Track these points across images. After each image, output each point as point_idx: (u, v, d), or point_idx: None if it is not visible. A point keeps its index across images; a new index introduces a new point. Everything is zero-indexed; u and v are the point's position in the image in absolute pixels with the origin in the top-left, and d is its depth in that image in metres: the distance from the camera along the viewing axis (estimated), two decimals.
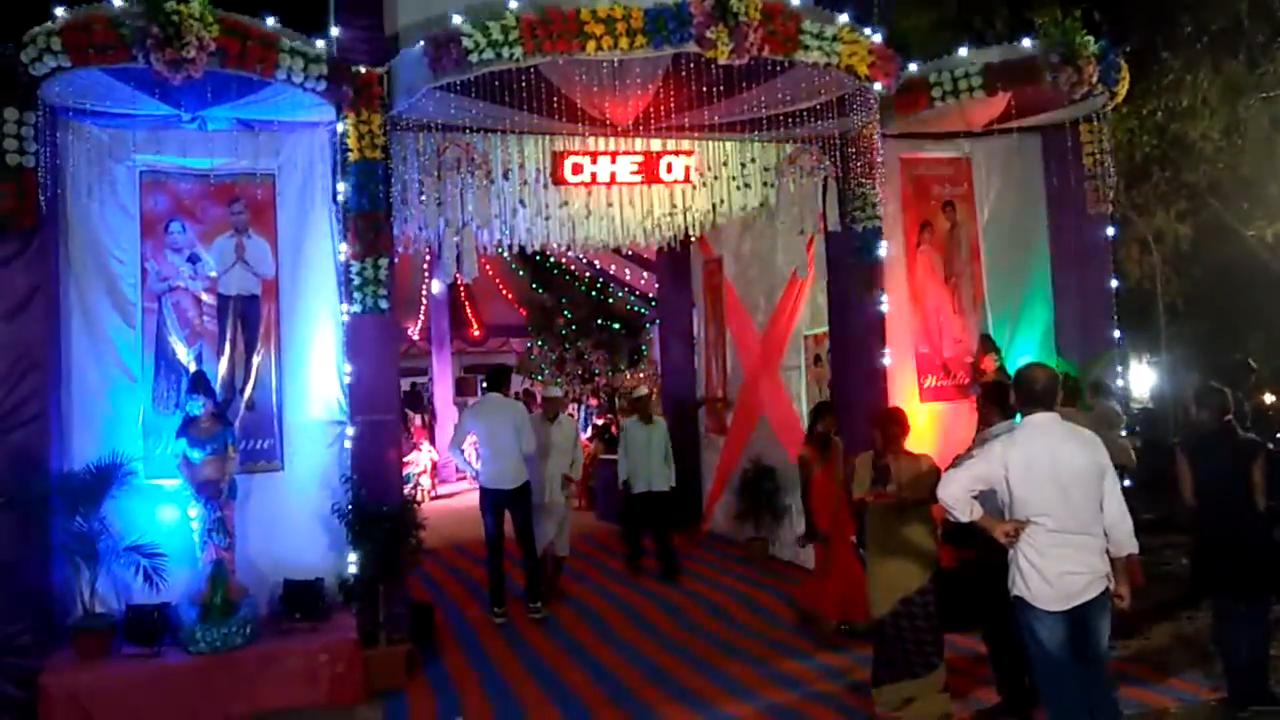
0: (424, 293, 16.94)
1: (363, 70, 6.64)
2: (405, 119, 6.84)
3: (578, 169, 7.62)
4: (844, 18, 6.33)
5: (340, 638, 6.47)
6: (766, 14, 5.87)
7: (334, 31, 6.77)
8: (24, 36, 5.87)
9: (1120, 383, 8.74)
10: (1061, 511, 4.38)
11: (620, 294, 16.65)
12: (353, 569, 6.64)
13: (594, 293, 16.79)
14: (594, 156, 7.62)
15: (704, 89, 6.33)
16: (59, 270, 6.51)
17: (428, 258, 14.21)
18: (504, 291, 17.76)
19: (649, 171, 7.78)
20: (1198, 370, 11.25)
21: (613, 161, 7.65)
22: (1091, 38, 7.22)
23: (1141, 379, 13.09)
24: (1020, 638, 4.62)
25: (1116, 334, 8.45)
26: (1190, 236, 11.02)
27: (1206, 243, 11.26)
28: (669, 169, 7.80)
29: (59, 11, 5.84)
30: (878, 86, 6.69)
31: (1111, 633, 4.60)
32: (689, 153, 7.85)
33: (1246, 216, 10.74)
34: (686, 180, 7.94)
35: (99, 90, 6.26)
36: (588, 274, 16.59)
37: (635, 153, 7.65)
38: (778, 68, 6.25)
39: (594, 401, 17.00)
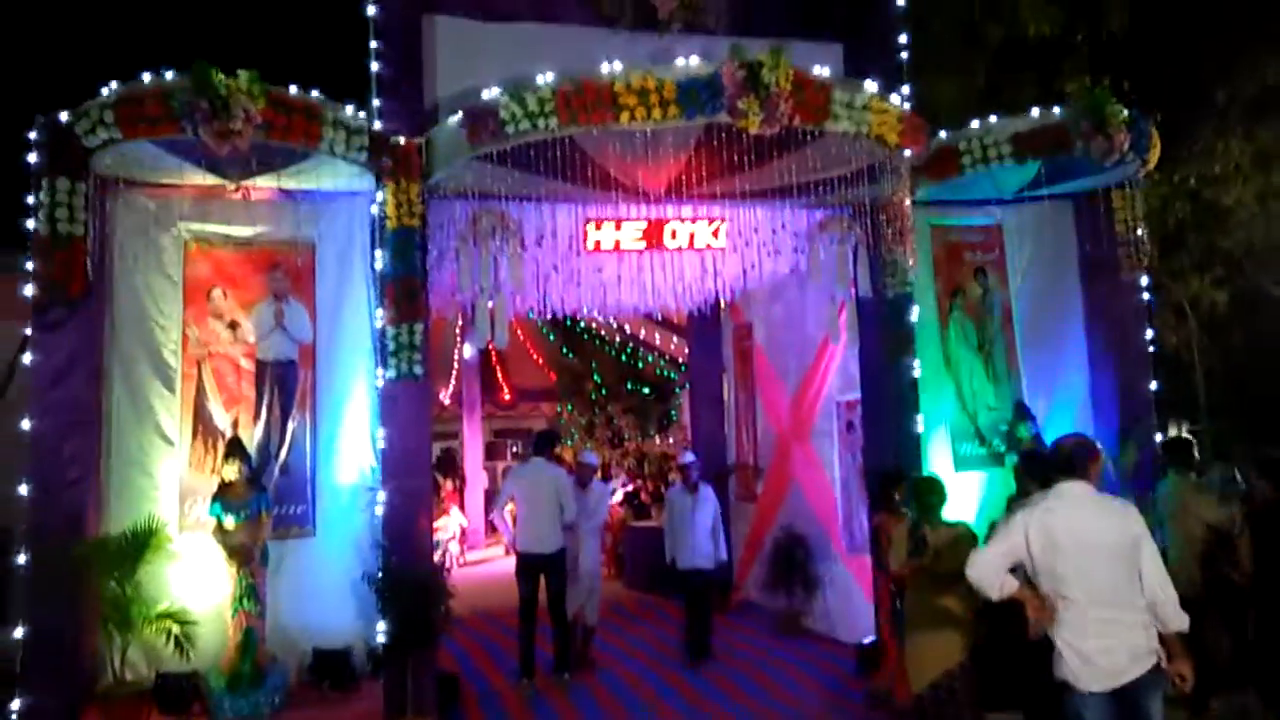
0: (456, 357, 17.08)
1: (402, 141, 6.81)
2: (442, 188, 6.98)
3: (610, 236, 7.70)
4: (873, 87, 6.42)
5: (368, 707, 6.41)
6: (797, 84, 5.96)
7: (375, 103, 6.96)
8: (78, 109, 6.09)
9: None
10: (1091, 585, 4.16)
11: (650, 359, 16.69)
12: (382, 637, 6.59)
13: (624, 357, 16.85)
14: (626, 224, 7.70)
15: (735, 157, 6.42)
16: (103, 335, 6.64)
17: (460, 322, 14.36)
18: (535, 356, 17.87)
19: (680, 238, 7.84)
20: (1240, 437, 11.05)
21: (645, 228, 7.73)
22: (1121, 105, 7.26)
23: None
24: None
25: (1154, 401, 8.33)
26: (1226, 302, 10.91)
27: (1243, 309, 11.16)
28: (700, 236, 7.87)
29: (111, 85, 6.06)
30: (907, 154, 6.75)
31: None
32: (720, 219, 7.92)
33: None
34: (718, 246, 7.99)
35: (147, 161, 6.48)
36: (618, 339, 16.66)
37: (667, 220, 7.73)
38: (808, 136, 6.33)
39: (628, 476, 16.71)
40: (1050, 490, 4.47)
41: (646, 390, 16.94)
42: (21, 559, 6.13)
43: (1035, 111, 7.54)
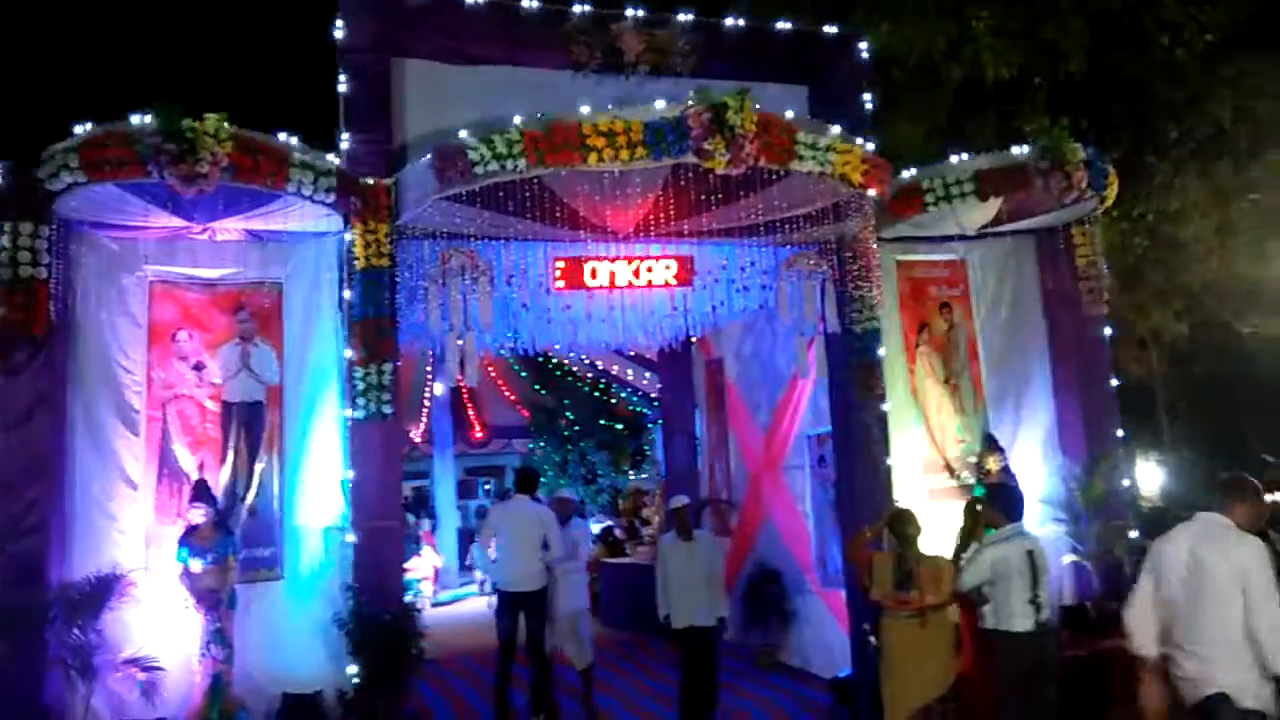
0: (427, 394, 17.00)
1: (371, 182, 6.83)
2: (411, 227, 7.00)
3: (579, 274, 7.74)
4: (836, 128, 6.54)
5: None
6: (762, 125, 6.07)
7: (344, 144, 6.98)
8: (42, 154, 6.07)
9: (1126, 482, 8.69)
10: (1190, 619, 4.19)
11: (623, 394, 16.70)
12: (353, 681, 6.49)
13: (596, 393, 16.84)
14: (596, 262, 7.74)
15: (702, 196, 6.51)
16: (65, 379, 6.56)
17: (431, 359, 14.31)
18: (506, 393, 17.81)
19: (650, 276, 7.89)
20: (1205, 467, 11.21)
21: (612, 266, 7.77)
22: (1079, 144, 7.44)
23: (1149, 477, 12.99)
24: None
25: (1120, 432, 8.45)
26: (1187, 335, 11.13)
27: (1204, 341, 11.38)
28: (668, 273, 7.92)
29: (76, 130, 6.04)
30: (871, 193, 6.86)
31: None
32: (688, 257, 7.99)
33: (1241, 313, 10.88)
34: (686, 284, 8.06)
35: (112, 204, 6.43)
36: (589, 375, 16.67)
37: (635, 258, 7.78)
38: (774, 176, 6.43)
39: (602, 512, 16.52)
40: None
41: (620, 426, 16.93)
42: None
43: (996, 150, 7.72)
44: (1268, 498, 5.12)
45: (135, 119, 5.99)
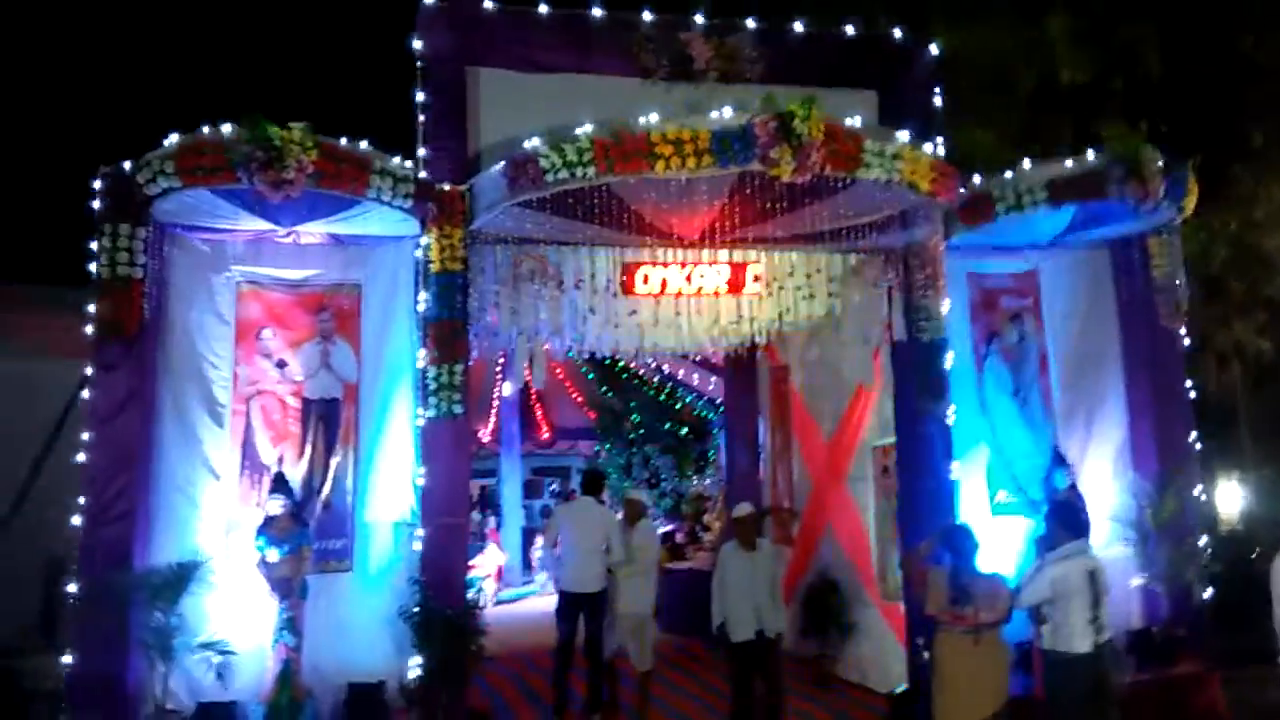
0: (496, 395, 17.28)
1: (446, 188, 7.04)
2: (484, 233, 7.19)
3: (646, 280, 7.85)
4: (904, 135, 6.52)
5: None
6: (828, 134, 6.10)
7: (421, 151, 7.21)
8: (140, 160, 6.40)
9: (1203, 499, 8.44)
10: None
11: (688, 399, 16.74)
12: (415, 673, 6.68)
13: (662, 397, 16.91)
14: (662, 267, 7.85)
15: (768, 204, 6.57)
16: (156, 373, 6.89)
17: (501, 361, 14.56)
18: (573, 395, 18.01)
19: (715, 282, 7.96)
20: None
21: (680, 271, 7.86)
22: (1157, 152, 7.28)
23: (1229, 498, 12.57)
24: None
25: (1197, 449, 8.23)
26: (1271, 351, 10.76)
27: None
28: (735, 279, 7.99)
29: (168, 139, 6.35)
30: (939, 201, 6.83)
31: None
32: (755, 263, 8.03)
33: None
34: (752, 290, 8.10)
35: (204, 207, 6.76)
36: (656, 379, 16.75)
37: (702, 263, 7.86)
38: (840, 184, 6.45)
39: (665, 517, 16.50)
40: None
41: (684, 430, 16.98)
42: (71, 587, 6.34)
43: (1070, 158, 7.59)
44: None
45: (226, 127, 6.29)
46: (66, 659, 6.27)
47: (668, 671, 9.97)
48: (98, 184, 6.60)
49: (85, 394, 6.63)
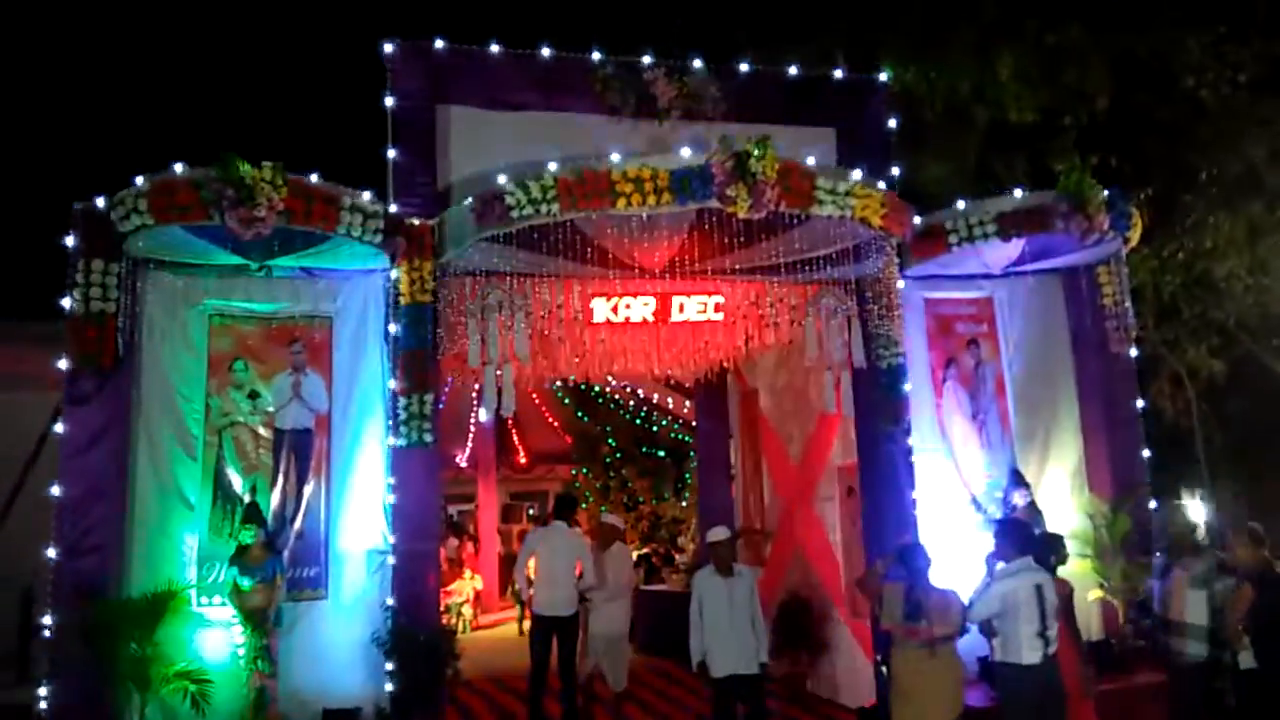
0: (472, 421, 17.39)
1: (416, 223, 7.23)
2: (453, 265, 7.37)
3: (612, 310, 8.05)
4: (857, 174, 6.78)
5: None
6: (783, 172, 6.35)
7: (390, 187, 7.40)
8: (113, 197, 6.56)
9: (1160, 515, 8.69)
10: None
11: (664, 422, 16.91)
12: (390, 697, 6.79)
13: (638, 421, 17.08)
14: (627, 298, 8.05)
15: (727, 238, 6.79)
16: (129, 405, 7.01)
17: (476, 388, 14.66)
18: (550, 420, 18.15)
19: (680, 311, 8.18)
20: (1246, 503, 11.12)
21: (645, 303, 8.07)
22: (1101, 187, 7.59)
23: (1193, 514, 12.85)
24: None
25: (1148, 469, 8.50)
26: (1225, 372, 11.10)
27: (1241, 377, 11.33)
28: (699, 310, 8.20)
29: (139, 179, 6.51)
30: (892, 235, 7.09)
31: None
32: (718, 293, 8.26)
33: (1277, 352, 10.84)
34: (716, 319, 8.32)
35: (177, 243, 6.92)
36: (631, 403, 16.92)
37: (665, 294, 8.07)
38: (795, 219, 6.69)
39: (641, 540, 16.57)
40: None
41: (661, 453, 17.14)
42: (46, 619, 6.43)
43: (1019, 192, 7.91)
44: None
45: (198, 168, 6.45)
46: (42, 691, 6.35)
47: (642, 692, 10.11)
48: (72, 221, 6.75)
49: (58, 427, 6.74)
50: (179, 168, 6.54)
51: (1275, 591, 5.77)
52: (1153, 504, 8.58)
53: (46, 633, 6.42)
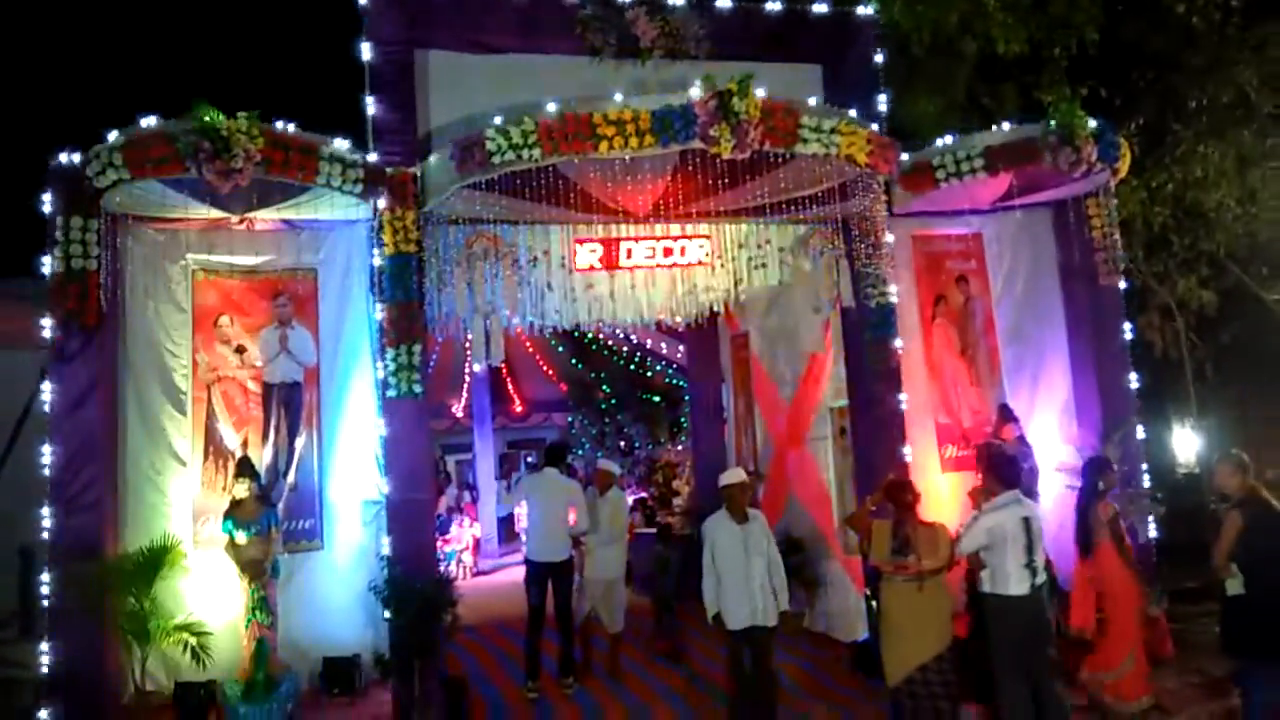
0: (467, 371, 17.40)
1: (397, 172, 7.14)
2: (436, 214, 7.30)
3: (599, 255, 8.01)
4: (841, 111, 6.70)
5: (376, 713, 6.72)
6: (766, 111, 6.26)
7: (371, 135, 7.29)
8: (88, 152, 6.46)
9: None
10: None
11: (659, 367, 16.93)
12: (389, 644, 6.89)
13: (632, 366, 17.10)
14: (614, 243, 8.00)
15: (712, 180, 6.72)
16: (117, 363, 7.00)
17: (469, 338, 14.64)
18: (544, 368, 18.16)
19: (667, 255, 8.14)
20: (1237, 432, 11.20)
21: (631, 247, 8.02)
22: (1089, 118, 7.50)
23: (1184, 443, 12.97)
24: None
25: (1137, 401, 8.54)
26: (1215, 302, 11.09)
27: (1231, 308, 11.34)
28: (686, 252, 8.17)
29: (113, 133, 6.39)
30: (878, 173, 7.02)
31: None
32: (705, 236, 8.21)
33: (1267, 282, 10.83)
34: (704, 263, 8.28)
35: (155, 198, 6.84)
36: (625, 349, 16.92)
37: (653, 238, 8.03)
38: (780, 159, 6.61)
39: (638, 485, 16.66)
40: None
41: (656, 399, 17.18)
42: (45, 577, 6.49)
43: (1006, 126, 7.82)
44: None
45: (173, 119, 6.35)
46: (44, 647, 6.43)
47: (640, 632, 10.26)
48: (47, 178, 6.66)
49: (45, 386, 6.73)
50: (153, 120, 6.45)
51: (1262, 519, 5.82)
52: (1141, 434, 8.63)
53: (45, 590, 6.48)
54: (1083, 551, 6.60)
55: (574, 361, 17.60)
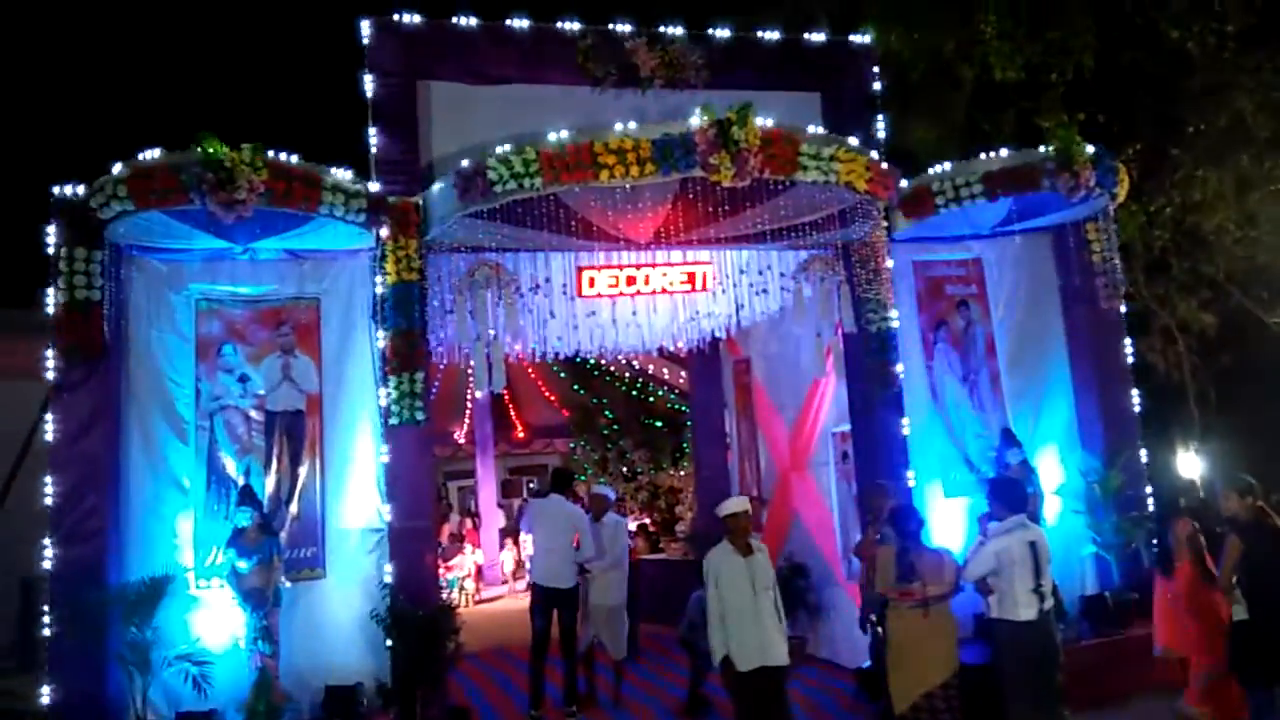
0: (469, 398, 17.41)
1: (399, 201, 7.18)
2: (438, 243, 7.34)
3: (601, 282, 8.03)
4: (841, 139, 6.74)
5: None
6: (766, 139, 6.31)
7: (374, 165, 7.36)
8: (92, 184, 6.51)
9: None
10: None
11: (660, 392, 16.92)
12: (391, 673, 6.85)
13: (634, 392, 17.09)
14: (616, 270, 8.03)
15: (712, 207, 6.76)
16: (120, 392, 7.01)
17: (472, 364, 14.64)
18: (546, 393, 18.17)
19: (669, 282, 8.16)
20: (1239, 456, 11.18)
21: (634, 274, 8.06)
22: (1087, 143, 7.55)
23: (1188, 467, 12.93)
24: None
25: (1140, 425, 8.53)
26: (1216, 325, 11.12)
27: (1232, 330, 11.36)
28: (688, 279, 8.20)
29: (117, 166, 6.46)
30: (878, 199, 7.06)
31: None
32: (707, 263, 8.24)
33: (1268, 305, 10.86)
34: (706, 288, 8.31)
35: (159, 229, 6.87)
36: (627, 374, 16.93)
37: (654, 265, 8.06)
38: (780, 186, 6.65)
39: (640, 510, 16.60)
40: None
41: (659, 424, 17.16)
42: (46, 607, 6.46)
43: (1004, 151, 7.86)
44: None
45: (176, 153, 6.40)
46: (45, 678, 6.39)
47: (642, 660, 10.20)
48: (51, 209, 6.69)
49: (49, 416, 6.74)
50: (157, 152, 6.49)
51: (1265, 543, 5.80)
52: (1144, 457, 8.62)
53: (47, 620, 6.45)
54: (1163, 571, 6.57)
55: (576, 387, 17.60)
